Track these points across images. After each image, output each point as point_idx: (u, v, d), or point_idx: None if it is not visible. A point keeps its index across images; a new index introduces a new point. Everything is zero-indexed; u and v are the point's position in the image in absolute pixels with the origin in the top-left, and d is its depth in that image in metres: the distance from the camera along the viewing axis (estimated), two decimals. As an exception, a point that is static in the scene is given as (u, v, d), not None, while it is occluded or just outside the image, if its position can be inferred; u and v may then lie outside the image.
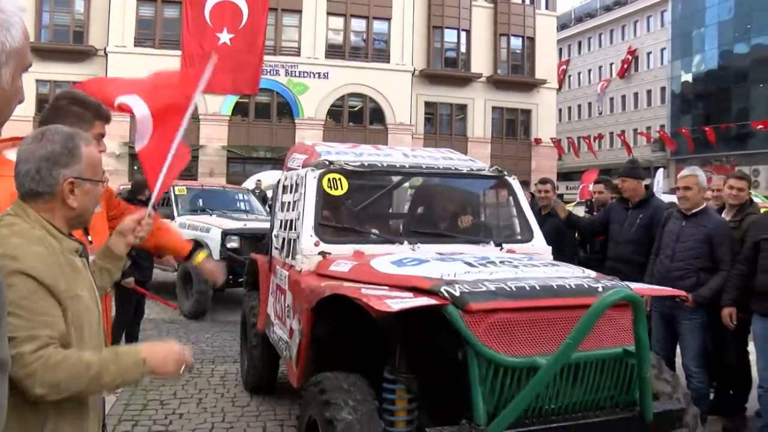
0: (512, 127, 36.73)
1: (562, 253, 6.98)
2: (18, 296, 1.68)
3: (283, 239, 4.84)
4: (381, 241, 4.43)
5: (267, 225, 9.49)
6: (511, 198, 4.96)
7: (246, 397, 5.99)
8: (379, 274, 3.57)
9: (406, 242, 4.33)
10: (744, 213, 5.37)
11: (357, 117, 33.57)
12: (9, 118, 1.35)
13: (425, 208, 5.49)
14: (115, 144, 28.22)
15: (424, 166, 4.89)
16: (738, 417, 5.46)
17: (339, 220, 4.71)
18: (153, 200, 2.68)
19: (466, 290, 3.01)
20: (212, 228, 9.74)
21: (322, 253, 4.20)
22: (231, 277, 9.35)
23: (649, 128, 50.84)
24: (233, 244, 9.55)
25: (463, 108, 35.58)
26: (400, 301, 2.91)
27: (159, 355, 1.90)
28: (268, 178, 22.47)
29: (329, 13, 32.65)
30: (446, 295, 3.01)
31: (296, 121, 32.04)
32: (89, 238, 2.42)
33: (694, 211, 5.19)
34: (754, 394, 5.10)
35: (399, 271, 3.54)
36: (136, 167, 29.92)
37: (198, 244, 3.41)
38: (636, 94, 54.36)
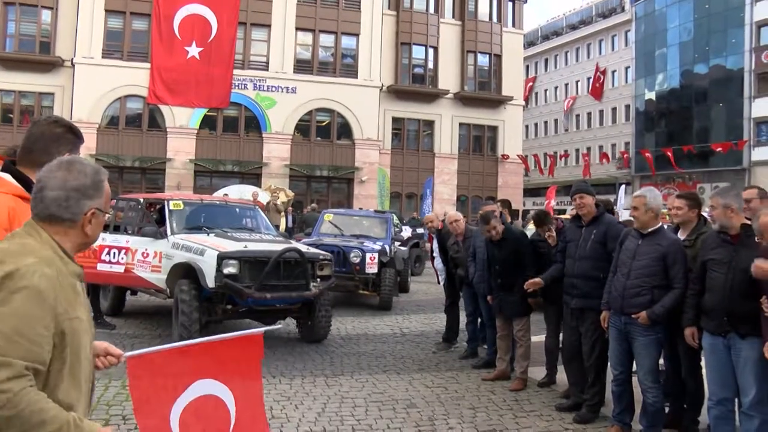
0: (479, 143, 37.05)
1: (524, 276, 6.97)
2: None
3: None
4: None
5: (273, 247, 8.73)
6: None
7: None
8: None
9: None
10: (698, 232, 5.46)
11: (325, 132, 33.60)
12: None
13: None
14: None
15: None
16: (691, 430, 5.61)
17: None
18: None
19: None
20: (207, 250, 8.50)
21: None
22: (230, 307, 8.76)
23: (614, 145, 51.61)
24: (231, 269, 8.28)
25: (430, 124, 35.84)
26: None
27: None
28: (234, 192, 22.39)
29: (298, 29, 32.71)
30: None
31: (264, 135, 31.97)
32: None
33: (649, 230, 5.35)
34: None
35: None
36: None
37: None
38: (601, 112, 55.16)
